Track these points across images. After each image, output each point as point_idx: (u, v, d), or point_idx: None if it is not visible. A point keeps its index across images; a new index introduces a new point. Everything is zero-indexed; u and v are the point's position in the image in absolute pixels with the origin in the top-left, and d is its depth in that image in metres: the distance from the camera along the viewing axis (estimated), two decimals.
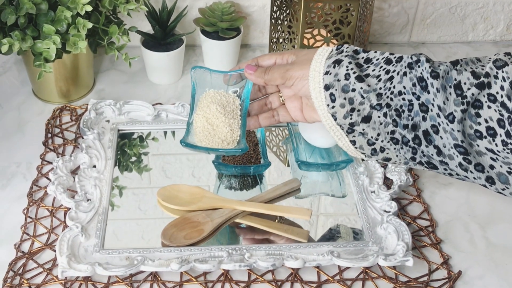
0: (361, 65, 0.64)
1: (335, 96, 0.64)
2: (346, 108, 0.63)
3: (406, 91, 0.61)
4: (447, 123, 0.58)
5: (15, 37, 0.82)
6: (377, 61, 0.64)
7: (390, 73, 0.62)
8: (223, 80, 0.76)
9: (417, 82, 0.60)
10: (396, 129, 0.62)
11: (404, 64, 0.62)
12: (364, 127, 0.64)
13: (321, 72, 0.65)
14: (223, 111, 0.74)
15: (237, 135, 0.75)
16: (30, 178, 0.83)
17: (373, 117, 0.63)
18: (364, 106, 0.62)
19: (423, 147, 0.61)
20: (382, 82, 0.62)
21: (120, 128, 0.90)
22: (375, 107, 0.62)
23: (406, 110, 0.61)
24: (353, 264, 0.72)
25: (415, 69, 0.61)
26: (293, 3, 0.92)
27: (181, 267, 0.70)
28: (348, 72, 0.63)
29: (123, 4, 0.90)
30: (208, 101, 0.75)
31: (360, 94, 0.62)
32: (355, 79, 0.62)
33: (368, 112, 0.63)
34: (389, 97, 0.62)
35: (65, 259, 0.70)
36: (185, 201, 0.78)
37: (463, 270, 0.74)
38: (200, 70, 0.76)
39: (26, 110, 0.95)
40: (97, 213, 0.77)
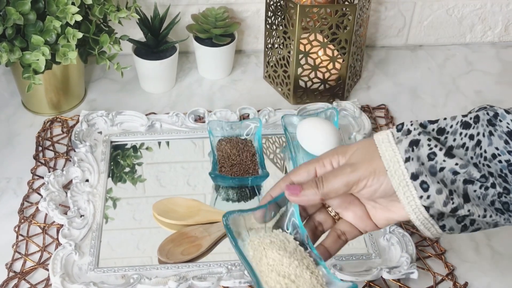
0: (438, 138, 0.54)
1: (427, 183, 0.52)
2: (444, 193, 0.52)
3: (500, 152, 0.52)
4: None
5: (3, 49, 0.80)
6: (451, 128, 0.54)
7: (475, 138, 0.53)
8: (257, 219, 0.60)
9: (508, 139, 0.52)
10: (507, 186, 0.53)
11: (484, 122, 0.53)
12: (469, 208, 0.53)
13: (401, 161, 0.53)
14: (287, 254, 0.57)
15: (321, 277, 0.57)
16: (21, 194, 0.81)
17: (469, 192, 0.53)
18: (457, 184, 0.52)
19: None
20: (471, 150, 0.53)
21: (113, 140, 0.88)
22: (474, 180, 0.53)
23: (508, 173, 0.52)
24: (356, 278, 0.70)
25: (498, 124, 0.53)
26: (288, 8, 0.90)
27: (179, 285, 0.68)
28: (432, 151, 0.52)
29: (114, 12, 0.88)
30: (260, 251, 0.58)
31: (451, 171, 0.52)
32: (444, 156, 0.52)
33: (463, 189, 0.53)
34: (485, 165, 0.53)
35: (58, 279, 0.68)
36: (182, 215, 0.76)
37: (469, 280, 0.73)
38: (232, 216, 0.59)
39: (16, 123, 0.93)
40: (91, 230, 0.75)
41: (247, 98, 0.99)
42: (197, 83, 1.02)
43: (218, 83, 1.03)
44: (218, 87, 1.02)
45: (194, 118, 0.92)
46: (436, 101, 0.99)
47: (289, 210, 0.60)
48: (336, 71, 0.95)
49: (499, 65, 1.09)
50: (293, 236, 0.59)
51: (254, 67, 1.06)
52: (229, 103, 0.98)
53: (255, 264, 0.57)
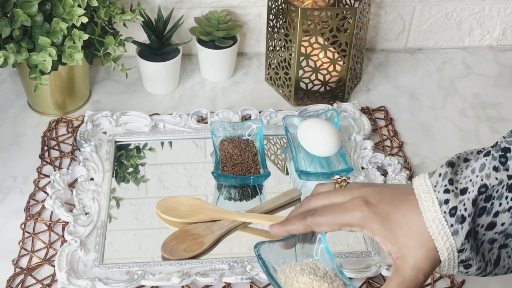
0: (485, 207, 0.52)
1: (471, 264, 0.53)
2: (481, 268, 0.53)
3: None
4: None
5: (10, 50, 0.81)
6: (497, 193, 0.51)
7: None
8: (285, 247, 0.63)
9: None
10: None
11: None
12: (496, 271, 0.54)
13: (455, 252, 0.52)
14: (317, 277, 0.61)
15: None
16: (27, 192, 0.82)
17: (502, 255, 0.53)
18: (493, 251, 0.53)
19: None
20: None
21: (117, 140, 0.90)
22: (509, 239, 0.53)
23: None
24: (355, 275, 0.71)
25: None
26: (290, 11, 0.91)
27: (182, 280, 0.69)
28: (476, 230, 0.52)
29: (119, 15, 0.89)
30: (292, 276, 0.62)
31: (490, 240, 0.52)
32: (485, 230, 0.52)
33: (498, 254, 0.53)
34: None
35: (64, 275, 0.69)
36: (185, 213, 0.78)
37: (466, 278, 0.74)
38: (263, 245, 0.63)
39: (22, 123, 0.94)
40: (96, 227, 0.76)
41: (249, 100, 1.00)
42: (199, 84, 1.04)
43: (221, 84, 1.04)
44: (221, 89, 1.03)
45: (196, 119, 0.93)
46: (435, 103, 1.01)
47: (317, 237, 0.62)
48: (336, 73, 0.96)
49: (497, 69, 1.11)
50: (322, 263, 0.62)
51: (256, 69, 1.08)
52: (231, 104, 0.99)
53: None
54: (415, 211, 0.53)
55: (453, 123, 0.97)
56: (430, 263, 0.52)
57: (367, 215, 0.54)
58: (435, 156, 0.91)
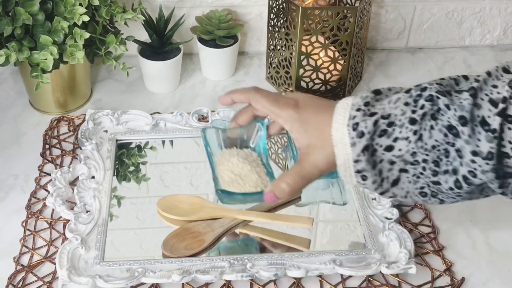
0: (386, 130, 0.59)
1: (367, 176, 0.61)
2: (377, 182, 0.61)
3: (440, 143, 0.58)
4: (486, 163, 0.56)
5: (12, 48, 0.81)
6: (400, 122, 0.59)
7: (418, 132, 0.59)
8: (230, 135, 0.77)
9: (448, 132, 0.57)
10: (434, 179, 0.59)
11: (428, 117, 0.58)
12: (393, 191, 0.62)
13: (351, 161, 0.60)
14: (246, 161, 0.75)
15: (266, 181, 0.76)
16: (28, 190, 0.83)
17: (402, 178, 0.61)
18: (393, 172, 0.60)
19: (465, 188, 0.59)
20: (413, 143, 0.59)
21: (119, 138, 0.90)
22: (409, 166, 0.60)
23: (444, 158, 0.58)
24: (356, 272, 0.71)
25: (439, 118, 0.58)
26: (291, 10, 0.91)
27: (183, 278, 0.69)
28: (374, 148, 0.60)
29: (120, 14, 0.90)
30: (227, 157, 0.76)
31: (389, 161, 0.60)
32: (384, 150, 0.59)
33: (397, 176, 0.60)
34: (424, 153, 0.59)
35: (65, 272, 0.69)
36: (185, 211, 0.78)
37: (466, 276, 0.74)
38: (211, 130, 0.77)
39: (23, 121, 0.95)
40: (97, 225, 0.76)
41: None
42: (200, 83, 1.04)
43: (221, 84, 1.04)
44: (221, 88, 1.03)
45: (197, 118, 0.93)
46: None
47: (258, 134, 0.75)
48: (337, 72, 0.97)
49: None
50: (257, 151, 0.76)
51: (257, 69, 1.08)
52: None
53: (218, 165, 0.76)
54: (328, 120, 0.62)
55: None
56: (327, 164, 0.63)
57: (292, 114, 0.65)
58: None
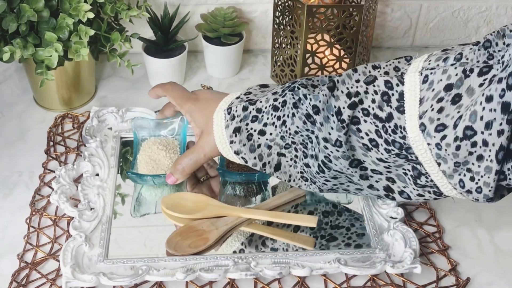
0: (256, 116, 0.68)
1: (246, 158, 0.69)
2: (259, 165, 0.69)
3: (301, 129, 0.65)
4: (336, 150, 0.63)
5: (17, 45, 0.81)
6: (266, 109, 0.67)
7: (282, 119, 0.66)
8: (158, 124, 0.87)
9: (306, 119, 0.64)
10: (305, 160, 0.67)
11: (290, 105, 0.65)
12: (277, 175, 0.69)
13: (227, 142, 0.70)
14: (164, 148, 0.84)
15: None
16: (32, 187, 0.83)
17: (282, 162, 0.69)
18: (273, 156, 0.68)
19: (327, 172, 0.65)
20: (279, 127, 0.67)
21: (123, 136, 0.90)
22: (283, 149, 0.68)
23: (309, 142, 0.66)
24: (360, 271, 0.71)
25: (300, 107, 0.65)
26: (296, 8, 0.91)
27: (187, 276, 0.69)
28: (250, 132, 0.68)
29: (125, 11, 0.89)
30: (150, 144, 0.85)
31: (266, 145, 0.67)
32: (258, 135, 0.68)
33: (278, 160, 0.68)
34: (290, 137, 0.67)
35: (69, 269, 0.69)
36: (190, 209, 0.78)
37: (472, 276, 0.74)
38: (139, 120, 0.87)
39: (28, 118, 0.95)
40: (101, 222, 0.76)
41: None
42: (205, 81, 1.04)
43: (226, 81, 1.04)
44: (226, 86, 1.03)
45: None
46: None
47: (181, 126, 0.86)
48: (342, 70, 0.96)
49: None
50: (178, 142, 0.85)
51: (262, 67, 1.08)
52: None
53: (141, 151, 0.84)
54: (215, 108, 0.71)
55: None
56: (210, 148, 0.72)
57: (190, 106, 0.76)
58: None
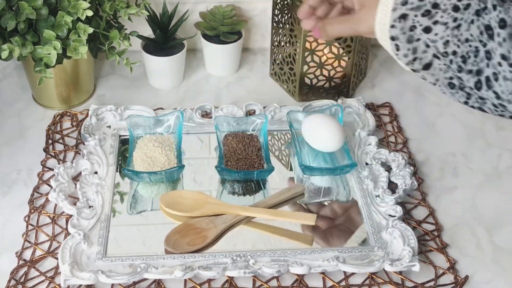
0: (430, 11, 0.64)
1: (399, 47, 0.65)
2: (409, 58, 0.65)
3: (473, 38, 0.61)
4: (510, 71, 0.59)
5: (15, 43, 0.81)
6: (444, 6, 0.63)
7: (458, 21, 0.62)
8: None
9: (484, 31, 0.61)
10: (459, 74, 0.64)
11: (472, 11, 0.62)
12: (424, 74, 0.66)
13: (387, 25, 0.65)
14: (160, 145, 0.84)
15: (173, 163, 0.83)
16: (31, 185, 0.83)
17: (434, 64, 0.64)
18: (427, 55, 0.64)
19: (483, 91, 0.62)
20: (450, 30, 0.62)
21: (122, 134, 0.90)
22: (440, 55, 0.63)
23: (473, 56, 0.62)
24: (359, 269, 0.71)
25: (482, 16, 0.61)
26: (295, 6, 0.91)
27: (185, 274, 0.69)
28: (414, 24, 0.63)
29: (124, 9, 0.89)
30: (146, 142, 0.85)
31: (425, 43, 0.63)
32: (422, 31, 0.63)
33: (430, 60, 0.64)
34: (456, 44, 0.62)
35: (67, 267, 0.69)
36: (188, 207, 0.78)
37: (470, 274, 0.74)
38: (135, 117, 0.87)
39: (27, 116, 0.95)
40: (99, 220, 0.76)
41: (254, 95, 1.00)
42: (204, 79, 1.04)
43: (225, 80, 1.04)
44: (225, 84, 1.03)
45: (201, 114, 0.93)
46: (440, 100, 1.00)
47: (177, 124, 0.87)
48: (341, 69, 0.96)
49: None
50: (174, 138, 0.86)
51: (261, 65, 1.08)
52: (236, 99, 0.99)
53: (137, 148, 0.84)
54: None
55: (458, 119, 0.97)
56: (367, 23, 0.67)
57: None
58: (440, 153, 0.90)
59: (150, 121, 0.88)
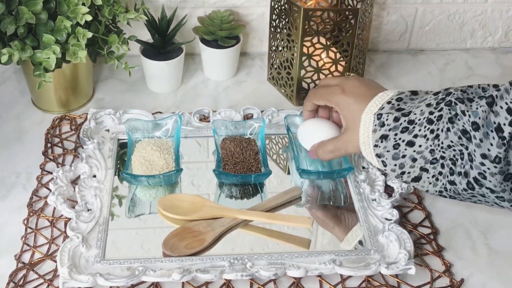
0: (407, 127, 0.67)
1: (386, 163, 0.69)
2: (396, 172, 0.69)
3: (455, 143, 0.64)
4: (494, 166, 0.61)
5: (15, 47, 0.82)
6: (419, 121, 0.67)
7: (435, 132, 0.65)
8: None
9: (462, 135, 0.63)
10: (451, 178, 0.65)
11: (445, 120, 0.65)
12: (413, 185, 0.69)
13: (371, 145, 0.70)
14: (158, 149, 0.84)
15: (172, 166, 0.83)
16: (30, 188, 0.83)
17: (423, 177, 0.68)
18: (415, 169, 0.67)
19: (477, 189, 0.64)
20: (431, 140, 0.66)
21: (120, 138, 0.90)
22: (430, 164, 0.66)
23: (459, 159, 0.64)
24: (355, 272, 0.71)
25: (456, 122, 0.64)
26: (292, 11, 0.92)
27: (183, 277, 0.70)
28: (397, 142, 0.67)
29: (123, 14, 0.90)
30: (144, 145, 0.86)
31: (411, 158, 0.67)
32: (406, 145, 0.67)
33: (418, 174, 0.67)
34: (441, 151, 0.65)
35: (66, 270, 0.69)
36: (186, 210, 0.78)
37: (466, 277, 0.74)
38: (132, 121, 0.88)
39: (26, 120, 0.95)
40: (98, 223, 0.77)
41: (251, 99, 1.01)
42: (202, 84, 1.04)
43: (223, 84, 1.05)
44: (223, 88, 1.04)
45: (199, 118, 0.94)
46: None
47: (175, 127, 0.87)
48: (338, 73, 0.97)
49: (499, 70, 1.11)
50: (172, 141, 0.87)
51: (259, 69, 1.08)
52: (234, 103, 1.00)
53: (136, 152, 0.85)
54: (364, 107, 0.72)
55: None
56: (353, 144, 0.74)
57: (339, 100, 0.75)
58: None
59: (148, 125, 0.88)
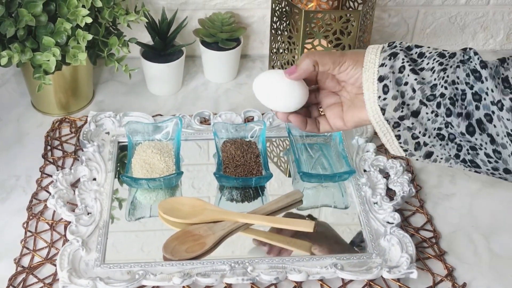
0: (415, 59, 0.64)
1: (388, 87, 0.64)
2: (398, 101, 0.63)
3: (460, 81, 0.61)
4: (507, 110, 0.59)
5: (15, 50, 0.81)
6: (430, 54, 0.64)
7: (444, 65, 0.62)
8: None
9: (470, 73, 0.61)
10: (448, 119, 0.62)
11: (457, 60, 0.62)
12: (413, 121, 0.64)
13: (377, 64, 0.64)
14: (159, 151, 0.84)
15: (172, 169, 0.83)
16: (29, 192, 0.83)
17: (422, 112, 0.63)
18: (414, 101, 0.63)
19: (477, 135, 0.61)
20: (436, 73, 0.62)
21: (120, 140, 0.90)
22: (426, 100, 0.62)
23: (460, 99, 0.61)
24: (357, 276, 0.71)
25: (467, 63, 0.61)
26: (293, 14, 0.91)
27: (183, 281, 0.69)
28: (403, 64, 0.63)
29: (123, 16, 0.90)
30: (144, 148, 0.85)
31: (412, 88, 0.63)
32: (410, 72, 0.63)
33: (417, 108, 0.63)
34: (443, 86, 0.62)
35: (66, 274, 0.69)
36: (187, 214, 0.78)
37: (468, 281, 0.74)
38: (133, 123, 0.88)
39: (25, 122, 0.95)
40: (98, 227, 0.76)
41: (252, 102, 1.00)
42: (203, 86, 1.04)
43: (224, 86, 1.04)
44: (224, 90, 1.03)
45: (199, 120, 0.94)
46: None
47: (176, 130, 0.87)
48: None
49: None
50: (173, 144, 0.87)
51: (259, 71, 1.08)
52: (234, 106, 0.99)
53: (136, 155, 0.85)
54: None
55: None
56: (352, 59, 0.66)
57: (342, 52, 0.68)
58: None
59: (148, 127, 0.88)
